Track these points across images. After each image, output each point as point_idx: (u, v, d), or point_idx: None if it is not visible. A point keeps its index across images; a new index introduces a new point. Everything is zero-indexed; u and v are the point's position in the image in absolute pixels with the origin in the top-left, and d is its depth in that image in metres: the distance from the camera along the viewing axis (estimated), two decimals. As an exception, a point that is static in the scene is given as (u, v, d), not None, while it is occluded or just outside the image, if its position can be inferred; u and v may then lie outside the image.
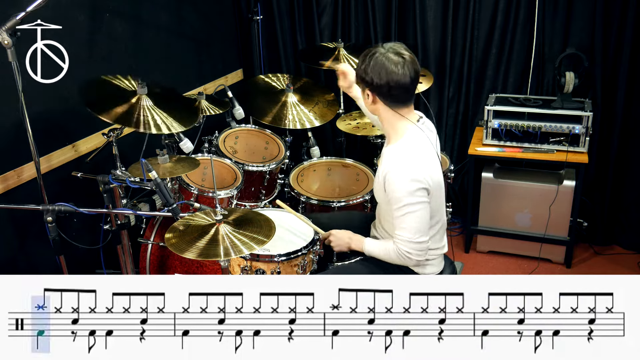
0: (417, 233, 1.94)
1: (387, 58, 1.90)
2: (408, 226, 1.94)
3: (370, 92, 1.97)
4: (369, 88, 1.97)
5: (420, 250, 1.97)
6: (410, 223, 1.94)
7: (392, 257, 2.02)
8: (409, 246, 1.96)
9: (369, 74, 1.93)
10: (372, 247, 2.12)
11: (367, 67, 1.93)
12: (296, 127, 3.02)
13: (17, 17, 1.93)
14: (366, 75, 1.94)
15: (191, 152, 2.69)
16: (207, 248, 1.81)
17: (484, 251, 3.44)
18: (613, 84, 3.14)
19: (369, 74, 1.93)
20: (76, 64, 2.32)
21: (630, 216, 3.35)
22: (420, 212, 1.93)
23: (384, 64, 1.90)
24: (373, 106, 2.02)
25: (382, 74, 1.90)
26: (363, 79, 1.97)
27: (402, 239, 1.96)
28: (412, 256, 1.97)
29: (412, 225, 1.94)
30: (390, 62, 1.89)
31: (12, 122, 2.25)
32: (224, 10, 3.69)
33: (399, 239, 1.97)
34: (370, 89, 1.97)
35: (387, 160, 2.00)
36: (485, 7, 3.30)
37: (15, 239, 2.43)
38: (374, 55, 1.92)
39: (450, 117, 3.61)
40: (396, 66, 1.89)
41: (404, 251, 1.96)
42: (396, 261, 2.02)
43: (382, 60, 1.90)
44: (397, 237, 1.98)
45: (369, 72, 1.93)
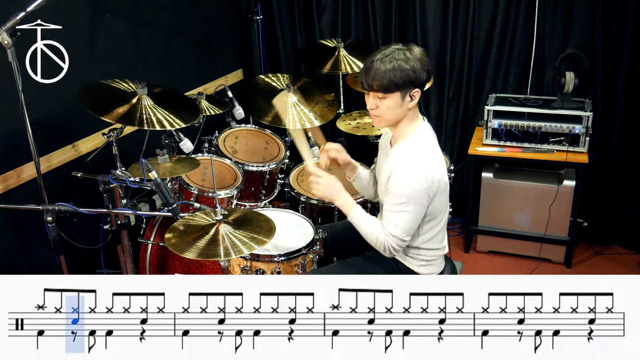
0: (405, 232, 1.96)
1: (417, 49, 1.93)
2: (401, 224, 1.95)
3: (420, 88, 1.94)
4: (419, 86, 1.93)
5: (401, 246, 2.00)
6: (404, 222, 1.95)
7: (372, 240, 2.02)
8: (395, 242, 1.97)
9: (417, 70, 1.89)
10: (360, 219, 2.05)
11: (413, 65, 1.89)
12: (296, 127, 3.01)
13: (17, 17, 1.93)
14: (418, 71, 1.90)
15: (191, 152, 2.69)
16: (207, 248, 1.81)
17: (484, 251, 3.44)
18: (613, 84, 3.14)
19: (418, 69, 1.89)
20: (76, 64, 2.32)
21: (630, 216, 3.35)
22: (414, 213, 1.94)
23: (422, 56, 1.92)
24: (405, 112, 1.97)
25: (425, 65, 1.92)
26: (413, 81, 1.91)
27: (392, 233, 1.96)
28: (394, 251, 2.00)
29: (405, 224, 1.95)
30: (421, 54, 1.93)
31: (12, 122, 2.25)
32: (224, 10, 3.69)
33: (389, 232, 1.97)
34: (420, 86, 1.94)
35: (397, 157, 1.98)
36: (485, 7, 3.30)
37: (15, 239, 2.43)
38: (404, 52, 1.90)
39: (450, 117, 3.60)
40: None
41: (390, 245, 1.98)
42: (375, 244, 2.02)
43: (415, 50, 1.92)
44: (388, 230, 1.97)
45: (417, 69, 1.89)
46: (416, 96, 1.94)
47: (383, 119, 1.98)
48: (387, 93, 1.90)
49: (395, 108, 1.94)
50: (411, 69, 1.88)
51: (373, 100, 1.95)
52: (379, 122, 2.00)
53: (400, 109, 1.95)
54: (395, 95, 1.91)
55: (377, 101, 1.94)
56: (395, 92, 1.90)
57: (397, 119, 1.98)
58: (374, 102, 1.95)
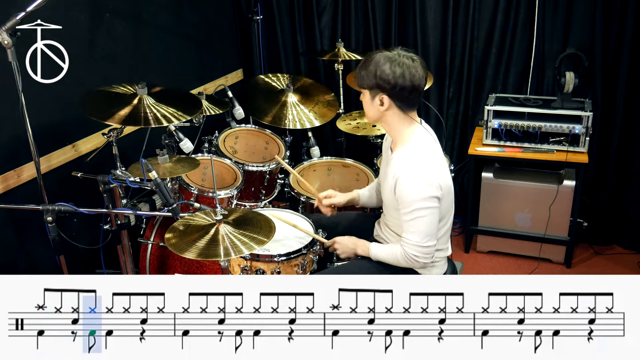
0: (425, 237, 1.95)
1: (407, 60, 1.90)
2: (417, 230, 1.95)
3: (388, 97, 1.94)
4: (386, 93, 1.93)
5: (427, 253, 1.97)
6: (419, 227, 1.94)
7: (399, 260, 2.02)
8: (416, 250, 1.96)
9: (391, 78, 1.89)
10: (379, 251, 2.11)
11: (390, 71, 1.88)
12: (296, 127, 3.02)
13: (17, 17, 1.93)
14: (387, 80, 1.89)
15: (191, 152, 2.69)
16: (207, 248, 1.81)
17: (484, 251, 3.44)
18: (613, 84, 3.14)
19: (392, 77, 1.89)
20: (76, 64, 2.32)
21: (630, 216, 3.35)
22: (429, 217, 1.93)
23: (408, 66, 1.89)
24: (380, 114, 1.99)
25: (407, 76, 1.89)
26: (381, 85, 1.91)
27: (410, 242, 1.96)
28: (419, 259, 1.97)
29: (420, 229, 1.94)
30: (411, 65, 1.90)
31: (12, 122, 2.24)
32: (224, 10, 3.69)
33: (406, 242, 1.97)
34: (390, 94, 1.93)
35: (398, 163, 1.98)
36: (485, 7, 3.30)
37: (15, 239, 2.42)
38: (392, 59, 1.89)
39: (450, 117, 3.60)
40: (416, 69, 1.90)
41: (411, 254, 1.97)
42: (402, 264, 2.02)
43: (405, 63, 1.89)
44: (405, 241, 1.98)
45: (391, 76, 1.89)
46: (385, 102, 1.95)
47: (365, 113, 2.07)
48: (362, 89, 2.00)
49: (367, 105, 2.02)
50: (380, 73, 1.90)
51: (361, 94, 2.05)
52: (366, 117, 2.09)
53: (373, 108, 1.99)
54: (365, 93, 2.00)
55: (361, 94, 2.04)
56: (365, 89, 1.99)
57: (375, 117, 2.02)
58: (361, 95, 2.05)
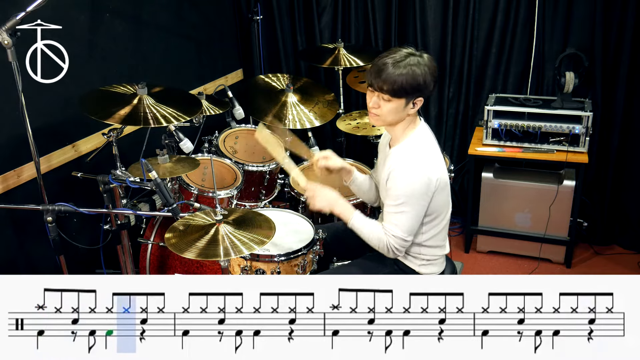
0: (407, 232, 1.97)
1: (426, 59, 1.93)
2: (402, 224, 1.96)
3: (423, 97, 1.95)
4: (422, 95, 1.94)
5: (404, 247, 2.01)
6: (404, 222, 1.96)
7: (374, 243, 2.03)
8: (399, 243, 1.99)
9: (429, 81, 1.91)
10: (360, 223, 2.06)
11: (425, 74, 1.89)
12: (296, 127, 3.02)
13: (17, 17, 1.93)
14: (428, 83, 1.90)
15: (191, 152, 2.69)
16: (207, 248, 1.81)
17: (484, 251, 3.44)
18: (613, 84, 3.14)
19: (430, 79, 1.91)
20: (76, 64, 2.32)
21: (630, 216, 3.35)
22: (415, 212, 1.95)
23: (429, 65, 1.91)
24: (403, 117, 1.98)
25: (434, 74, 1.92)
26: (422, 89, 1.92)
27: (393, 234, 1.98)
28: (397, 252, 2.01)
29: (404, 224, 1.96)
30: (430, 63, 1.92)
31: (12, 122, 2.25)
32: (224, 10, 3.69)
33: (390, 233, 1.98)
34: (424, 95, 1.95)
35: (395, 158, 1.99)
36: (485, 7, 3.30)
37: (15, 239, 2.43)
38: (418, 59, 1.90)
39: (450, 117, 3.60)
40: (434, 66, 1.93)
41: (393, 246, 1.99)
42: (376, 246, 2.03)
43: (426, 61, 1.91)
44: (388, 231, 1.99)
45: (429, 79, 1.90)
46: (418, 104, 1.96)
47: (381, 119, 1.99)
48: (394, 97, 1.91)
49: (397, 112, 1.95)
50: (422, 77, 1.89)
51: (376, 99, 1.96)
52: (377, 121, 2.01)
53: (400, 114, 1.96)
54: (400, 101, 1.92)
55: (381, 102, 1.94)
56: (402, 97, 1.91)
57: (395, 121, 2.00)
58: (377, 101, 1.95)
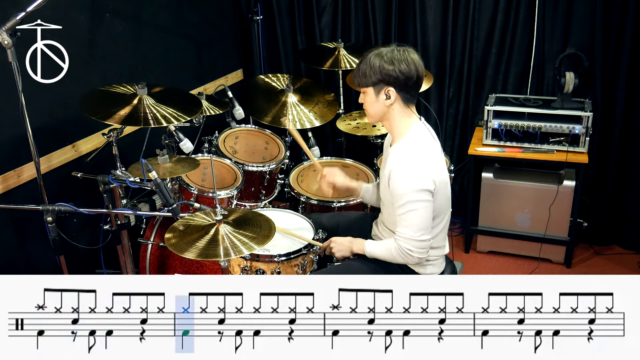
0: (419, 231, 1.94)
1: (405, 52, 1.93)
2: (410, 224, 1.95)
3: (394, 88, 1.95)
4: (392, 85, 1.94)
5: (422, 248, 1.97)
6: (412, 221, 1.94)
7: (393, 256, 2.02)
8: (410, 244, 1.96)
9: (395, 68, 1.90)
10: (373, 247, 2.11)
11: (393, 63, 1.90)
12: (296, 127, 3.02)
13: (17, 17, 1.93)
14: (391, 70, 1.91)
15: (191, 152, 2.69)
16: (207, 248, 1.81)
17: (484, 251, 3.44)
18: (613, 84, 3.14)
19: (396, 66, 1.90)
20: (76, 64, 2.32)
21: (630, 216, 3.35)
22: (422, 210, 1.93)
23: (406, 57, 1.92)
24: (384, 109, 2.00)
25: (410, 63, 1.91)
26: (385, 78, 1.93)
27: (403, 236, 1.96)
28: (413, 254, 1.97)
29: (413, 222, 1.94)
30: (409, 56, 1.93)
31: (12, 122, 2.25)
32: (224, 10, 3.69)
33: (400, 236, 1.97)
34: (395, 85, 1.94)
35: (393, 158, 1.99)
36: (485, 7, 3.30)
37: (15, 239, 2.43)
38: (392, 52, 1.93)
39: (450, 117, 3.60)
40: (413, 59, 1.93)
41: (406, 248, 1.96)
42: (398, 259, 2.02)
43: (403, 54, 1.92)
44: (399, 235, 1.98)
45: (395, 67, 1.90)
46: (391, 95, 1.96)
47: (368, 114, 2.07)
48: (362, 87, 2.00)
49: (371, 103, 2.01)
50: (381, 67, 1.92)
51: (361, 95, 2.05)
52: (368, 117, 2.09)
53: (377, 105, 2.00)
54: (369, 90, 1.99)
55: (362, 96, 2.04)
56: (369, 86, 1.98)
57: (379, 114, 2.03)
58: (361, 96, 2.05)
